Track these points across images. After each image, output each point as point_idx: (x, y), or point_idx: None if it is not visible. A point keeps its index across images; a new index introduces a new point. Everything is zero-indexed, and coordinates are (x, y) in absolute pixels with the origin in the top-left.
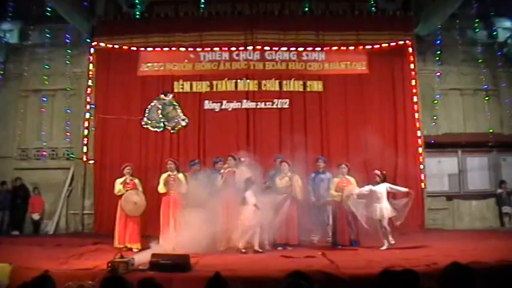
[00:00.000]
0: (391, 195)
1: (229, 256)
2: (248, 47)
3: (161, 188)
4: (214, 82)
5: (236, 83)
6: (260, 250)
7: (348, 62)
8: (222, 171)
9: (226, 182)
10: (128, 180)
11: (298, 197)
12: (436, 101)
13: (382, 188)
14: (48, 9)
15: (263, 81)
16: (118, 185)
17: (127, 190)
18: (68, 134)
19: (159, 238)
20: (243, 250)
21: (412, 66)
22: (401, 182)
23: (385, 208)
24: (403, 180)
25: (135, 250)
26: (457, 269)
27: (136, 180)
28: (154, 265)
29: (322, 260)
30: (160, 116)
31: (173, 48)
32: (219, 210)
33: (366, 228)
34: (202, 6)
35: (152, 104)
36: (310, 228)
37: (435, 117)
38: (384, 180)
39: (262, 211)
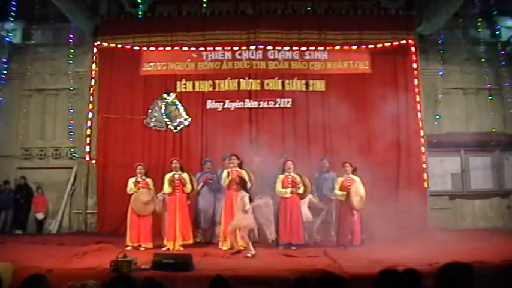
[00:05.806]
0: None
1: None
2: (251, 47)
3: (166, 188)
4: (217, 81)
5: (239, 83)
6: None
7: (351, 61)
8: (227, 170)
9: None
10: (139, 179)
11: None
12: (438, 100)
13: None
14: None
15: (266, 81)
16: (130, 184)
17: (138, 189)
18: (71, 133)
19: (163, 238)
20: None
21: (414, 65)
22: (404, 181)
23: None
24: (406, 180)
25: (150, 247)
26: (455, 267)
27: (149, 180)
28: (156, 264)
29: (325, 259)
30: (163, 115)
31: (176, 48)
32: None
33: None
34: (205, 5)
35: (155, 103)
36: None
37: (438, 117)
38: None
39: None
